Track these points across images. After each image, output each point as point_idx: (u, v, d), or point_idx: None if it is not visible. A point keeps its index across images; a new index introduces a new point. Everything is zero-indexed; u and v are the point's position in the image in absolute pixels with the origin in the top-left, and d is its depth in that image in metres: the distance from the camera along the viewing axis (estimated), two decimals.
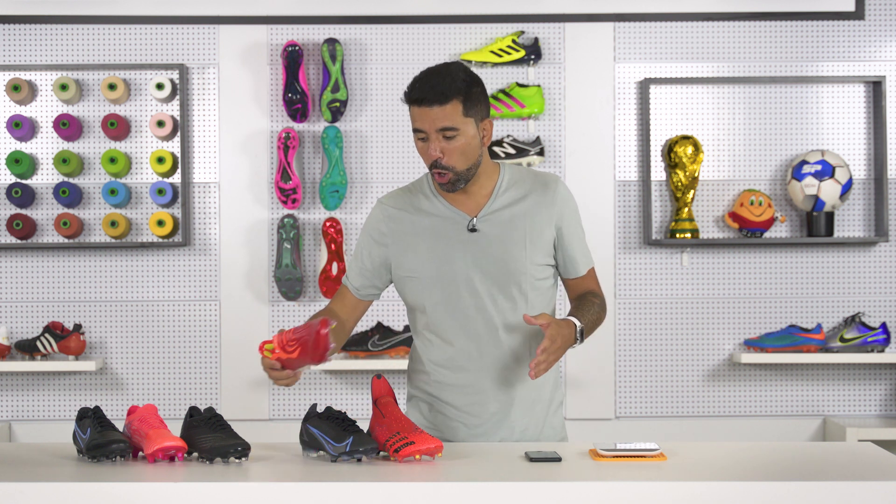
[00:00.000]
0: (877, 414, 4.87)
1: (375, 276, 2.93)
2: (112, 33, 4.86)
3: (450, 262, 2.83)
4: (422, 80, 2.78)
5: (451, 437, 2.88)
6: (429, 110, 2.75)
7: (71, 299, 4.85)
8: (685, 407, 4.87)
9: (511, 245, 2.84)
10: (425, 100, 2.76)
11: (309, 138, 4.87)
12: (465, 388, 2.86)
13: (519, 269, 2.83)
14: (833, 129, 4.88)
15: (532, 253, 2.84)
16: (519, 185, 2.89)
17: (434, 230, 2.86)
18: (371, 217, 2.95)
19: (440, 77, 2.77)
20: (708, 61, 4.88)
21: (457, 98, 2.75)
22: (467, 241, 2.84)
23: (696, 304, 4.86)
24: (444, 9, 4.84)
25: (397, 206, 2.92)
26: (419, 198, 2.91)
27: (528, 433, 2.87)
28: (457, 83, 2.76)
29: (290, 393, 4.84)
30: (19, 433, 4.84)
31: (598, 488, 2.31)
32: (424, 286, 2.85)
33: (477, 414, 2.86)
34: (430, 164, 2.79)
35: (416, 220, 2.89)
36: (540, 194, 2.87)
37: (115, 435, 2.55)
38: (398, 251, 2.89)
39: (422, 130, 2.78)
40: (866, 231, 4.87)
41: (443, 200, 2.88)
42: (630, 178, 4.85)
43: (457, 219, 2.86)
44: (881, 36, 4.87)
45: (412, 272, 2.87)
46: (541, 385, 2.89)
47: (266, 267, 4.85)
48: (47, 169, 4.85)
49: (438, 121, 2.75)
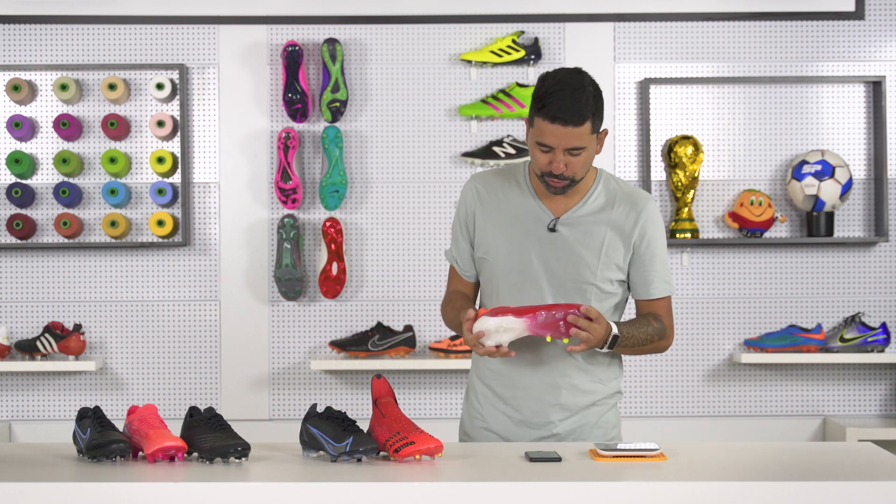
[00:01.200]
0: (877, 414, 4.87)
1: (474, 258, 2.95)
2: (112, 33, 4.87)
3: (523, 255, 2.85)
4: (557, 96, 2.71)
5: (496, 429, 2.90)
6: (562, 129, 2.71)
7: (71, 299, 4.85)
8: (685, 407, 4.87)
9: (586, 253, 2.83)
10: (561, 119, 2.70)
11: (309, 138, 4.87)
12: (513, 380, 2.87)
13: (587, 278, 2.83)
14: (833, 129, 4.88)
15: (604, 265, 2.84)
16: (610, 196, 2.88)
17: (516, 220, 2.87)
18: (462, 196, 2.95)
19: (576, 94, 2.70)
20: (708, 61, 4.88)
21: (589, 118, 2.72)
22: (544, 239, 2.85)
23: (696, 304, 4.87)
24: (444, 9, 4.84)
25: (487, 188, 2.92)
26: (511, 184, 2.91)
27: (573, 434, 2.87)
28: (590, 101, 2.72)
29: (290, 393, 4.85)
30: (19, 433, 4.84)
31: (598, 488, 2.31)
32: (496, 272, 2.87)
33: (520, 408, 2.87)
34: (547, 172, 2.77)
35: (502, 207, 2.89)
36: (626, 209, 2.86)
37: (115, 435, 2.55)
38: (481, 231, 2.90)
39: (548, 145, 2.74)
40: (866, 231, 4.87)
41: (533, 194, 2.88)
42: (630, 178, 4.85)
43: (540, 215, 2.86)
44: (881, 36, 4.87)
45: (487, 255, 2.89)
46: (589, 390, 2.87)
47: (266, 267, 4.85)
48: (47, 169, 4.85)
49: (571, 141, 2.72)
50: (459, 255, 2.97)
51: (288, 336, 4.86)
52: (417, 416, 4.75)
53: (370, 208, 4.86)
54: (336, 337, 4.85)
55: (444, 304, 3.02)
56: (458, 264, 2.98)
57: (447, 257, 3.02)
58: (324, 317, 4.86)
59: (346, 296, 4.86)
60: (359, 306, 4.86)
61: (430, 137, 4.87)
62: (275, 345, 4.86)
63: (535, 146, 2.77)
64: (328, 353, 4.84)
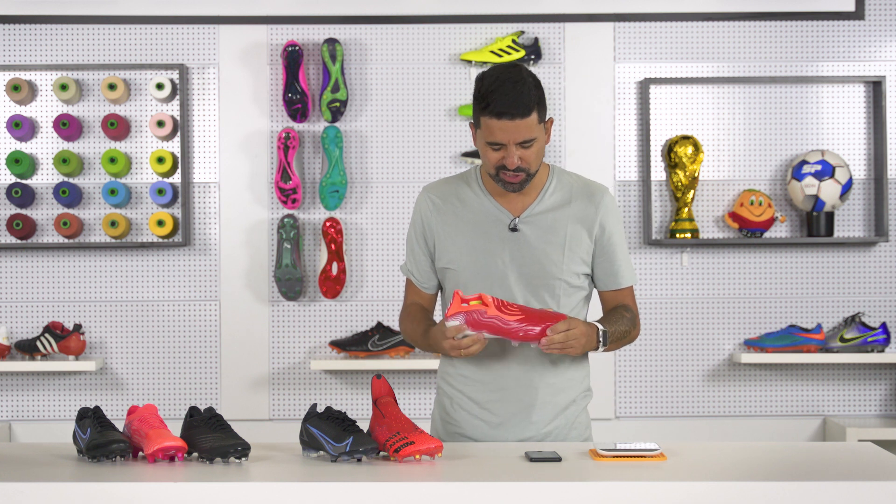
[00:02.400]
0: (877, 414, 4.87)
1: (433, 269, 2.95)
2: (112, 33, 4.87)
3: (487, 258, 2.84)
4: (499, 92, 2.72)
5: (472, 435, 2.88)
6: (510, 123, 2.72)
7: (71, 299, 4.85)
8: (685, 407, 4.87)
9: (550, 249, 2.84)
10: (507, 113, 2.71)
11: (309, 138, 4.87)
12: (488, 385, 2.86)
13: (554, 274, 2.83)
14: (833, 129, 4.88)
15: (570, 259, 2.84)
16: (565, 190, 2.89)
17: (476, 224, 2.87)
18: (416, 208, 2.95)
19: (517, 87, 2.72)
20: (708, 61, 4.88)
21: (534, 108, 2.73)
22: (507, 239, 2.85)
23: (696, 304, 4.86)
24: (444, 9, 4.84)
25: (442, 196, 2.92)
26: (465, 190, 2.91)
27: (551, 435, 2.87)
28: (532, 91, 2.73)
29: (290, 393, 4.85)
30: (19, 433, 4.84)
31: (598, 488, 2.31)
32: (460, 279, 2.86)
33: (497, 412, 2.85)
34: (502, 167, 2.77)
35: (459, 212, 2.89)
36: (584, 202, 2.87)
37: (115, 435, 2.55)
38: (441, 241, 2.90)
39: (499, 142, 2.74)
40: (866, 231, 4.87)
41: (489, 196, 2.88)
42: (630, 178, 4.85)
43: (500, 216, 2.86)
44: (881, 36, 4.87)
45: (450, 263, 2.88)
46: (564, 388, 2.87)
47: (266, 267, 4.85)
48: (47, 169, 4.85)
49: (521, 133, 2.73)
50: (417, 267, 2.95)
51: (288, 336, 4.86)
52: (417, 416, 4.75)
53: (370, 208, 4.86)
54: (336, 337, 4.85)
55: (402, 316, 3.00)
56: (416, 277, 2.96)
57: (403, 271, 3.00)
58: (324, 317, 4.86)
59: (346, 296, 4.86)
60: (359, 306, 4.86)
61: (430, 137, 4.87)
62: (275, 345, 4.86)
63: (486, 147, 2.77)
64: (328, 353, 4.84)
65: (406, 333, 2.98)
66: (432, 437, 2.55)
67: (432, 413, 3.01)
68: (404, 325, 2.98)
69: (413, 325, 2.93)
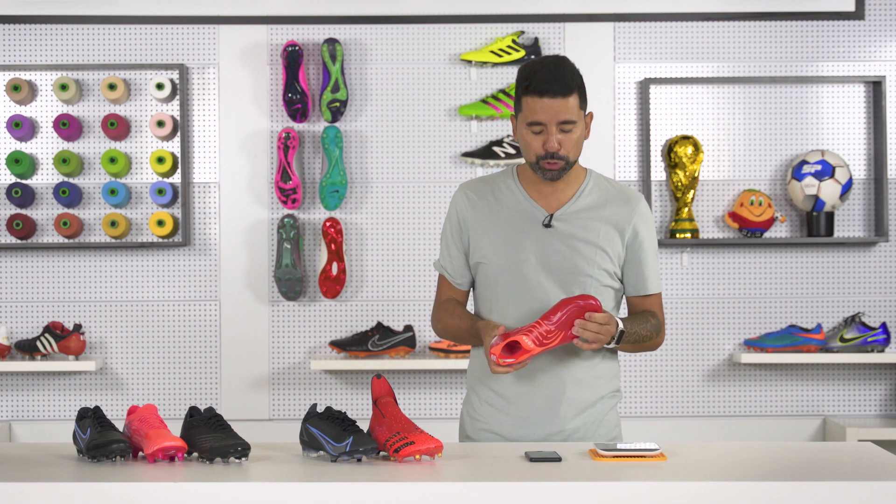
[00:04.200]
0: (877, 414, 4.87)
1: (467, 266, 2.95)
2: (112, 33, 4.87)
3: (520, 253, 2.85)
4: (543, 72, 2.76)
5: (499, 431, 2.89)
6: (552, 102, 2.75)
7: (71, 299, 4.85)
8: (685, 407, 4.87)
9: (582, 246, 2.85)
10: (549, 91, 2.74)
11: (309, 138, 4.87)
12: (516, 379, 2.86)
13: (585, 271, 2.84)
14: (833, 129, 4.88)
15: (602, 258, 2.85)
16: (602, 193, 2.90)
17: (510, 220, 2.88)
18: (452, 204, 2.96)
19: (560, 69, 2.77)
20: (708, 61, 4.88)
21: (576, 91, 2.77)
22: (541, 235, 2.86)
23: (696, 304, 4.87)
24: (444, 9, 4.84)
25: (478, 192, 2.93)
26: (500, 186, 2.92)
27: (579, 432, 2.87)
28: (575, 75, 2.78)
29: (290, 393, 4.85)
30: (19, 433, 4.84)
31: (598, 488, 2.31)
32: (493, 273, 2.87)
33: (524, 405, 2.86)
34: (542, 155, 2.79)
35: (494, 208, 2.90)
36: (620, 206, 2.88)
37: (115, 435, 2.55)
38: (475, 237, 2.91)
39: (540, 123, 2.77)
40: (866, 231, 4.87)
41: (524, 193, 2.90)
42: (630, 178, 4.85)
43: (534, 212, 2.88)
44: (881, 36, 4.87)
45: (484, 258, 2.89)
46: (593, 385, 2.88)
47: (266, 267, 4.85)
48: (47, 169, 4.85)
49: (562, 113, 2.76)
50: (452, 263, 2.96)
51: (288, 336, 4.86)
52: (417, 416, 4.75)
53: (370, 208, 4.86)
54: (336, 337, 4.85)
55: (438, 312, 3.00)
56: (449, 273, 2.97)
57: (436, 267, 3.01)
58: (324, 317, 4.86)
59: (346, 296, 4.86)
60: (359, 306, 4.86)
61: (430, 137, 4.87)
62: (275, 345, 4.86)
63: (527, 130, 2.79)
64: (328, 353, 4.84)
65: (444, 328, 2.98)
66: (432, 437, 2.55)
67: (461, 411, 3.02)
68: (442, 320, 2.98)
69: (454, 320, 2.93)
